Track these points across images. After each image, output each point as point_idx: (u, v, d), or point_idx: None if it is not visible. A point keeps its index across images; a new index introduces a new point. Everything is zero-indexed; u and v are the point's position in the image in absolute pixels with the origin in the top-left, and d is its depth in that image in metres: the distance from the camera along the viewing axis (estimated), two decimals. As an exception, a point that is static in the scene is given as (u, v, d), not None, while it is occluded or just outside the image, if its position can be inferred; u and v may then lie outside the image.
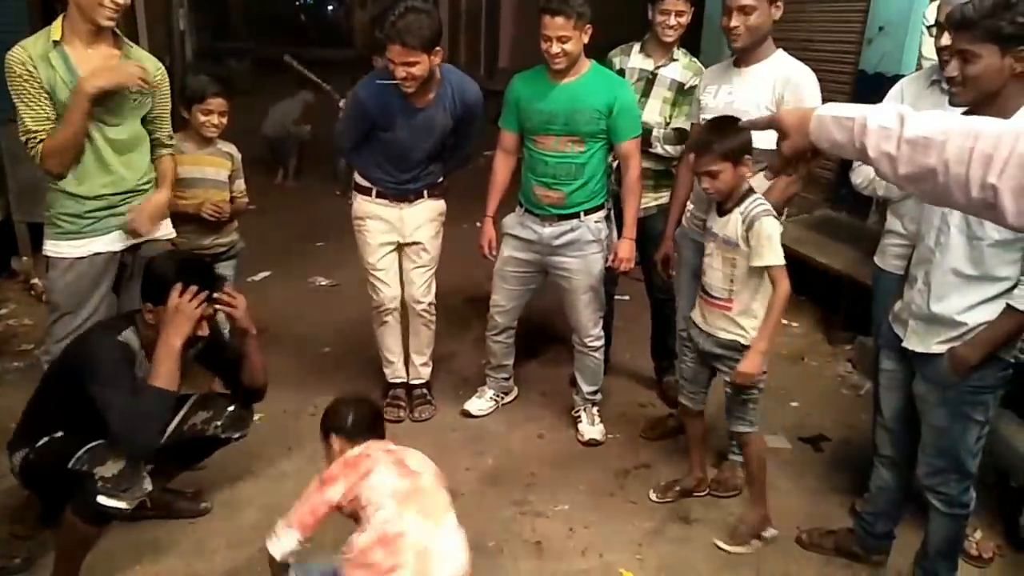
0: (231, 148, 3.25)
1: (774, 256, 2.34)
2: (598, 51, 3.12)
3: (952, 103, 2.02)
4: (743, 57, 2.69)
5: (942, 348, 2.06)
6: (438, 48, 2.79)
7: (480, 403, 3.41)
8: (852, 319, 4.13)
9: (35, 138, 2.41)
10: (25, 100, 2.37)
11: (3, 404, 3.09)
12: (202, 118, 3.04)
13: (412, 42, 2.69)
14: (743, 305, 2.44)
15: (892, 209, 2.63)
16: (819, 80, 3.09)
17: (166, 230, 2.77)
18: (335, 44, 28.12)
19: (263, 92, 7.60)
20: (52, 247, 2.55)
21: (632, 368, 3.87)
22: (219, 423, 2.44)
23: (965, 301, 2.01)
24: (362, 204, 3.17)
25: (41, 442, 2.15)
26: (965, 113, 1.98)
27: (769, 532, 2.60)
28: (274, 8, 32.05)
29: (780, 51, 2.69)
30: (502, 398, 3.49)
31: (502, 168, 3.18)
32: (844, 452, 3.20)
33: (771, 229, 2.34)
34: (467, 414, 3.38)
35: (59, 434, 2.16)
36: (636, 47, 3.24)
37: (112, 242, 2.59)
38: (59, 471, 2.10)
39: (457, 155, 3.24)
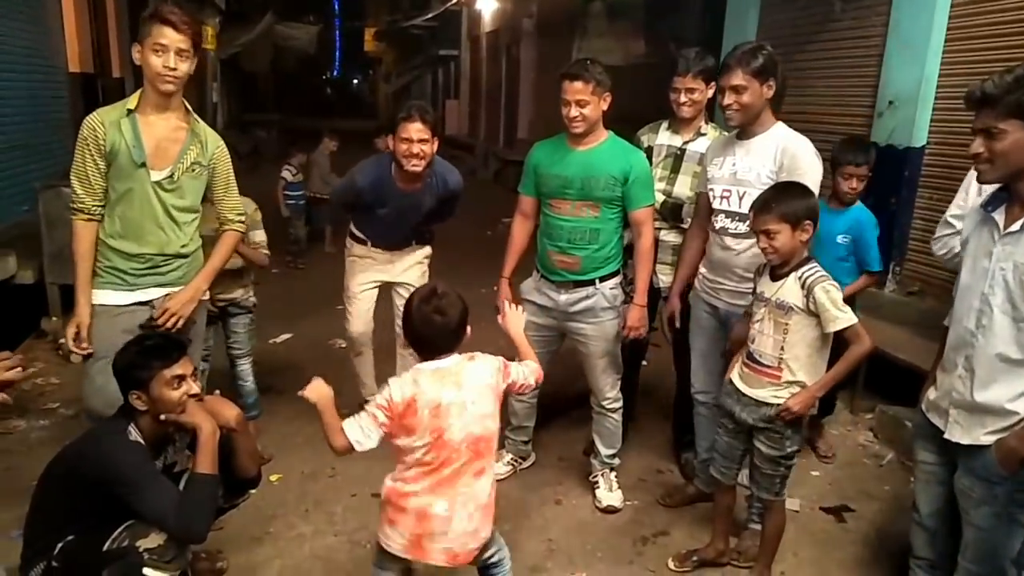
0: (245, 202, 3.37)
1: (846, 318, 2.31)
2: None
3: (980, 181, 1.96)
4: (744, 131, 2.78)
5: (990, 439, 1.90)
6: (436, 137, 3.23)
7: (497, 467, 3.40)
8: (873, 387, 4.10)
9: (76, 207, 2.58)
10: (79, 163, 2.56)
11: (29, 462, 3.15)
12: None
13: (429, 118, 3.17)
14: (792, 375, 2.40)
15: None
16: (831, 152, 3.21)
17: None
18: (359, 115, 29.15)
19: (289, 159, 7.82)
20: (95, 296, 2.66)
21: (650, 434, 3.85)
22: (218, 494, 2.44)
23: (1014, 388, 1.87)
24: (358, 248, 3.59)
25: (58, 548, 2.12)
26: (997, 192, 1.95)
27: None
28: (300, 81, 33.28)
29: (779, 123, 2.78)
30: (520, 463, 3.48)
31: (519, 231, 3.26)
32: (868, 523, 3.14)
33: (834, 293, 2.32)
34: None
35: (70, 538, 2.13)
36: (664, 124, 3.34)
37: (150, 294, 2.70)
38: (92, 562, 2.06)
39: (440, 220, 3.65)
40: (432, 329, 2.00)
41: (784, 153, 2.67)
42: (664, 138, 3.29)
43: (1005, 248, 1.90)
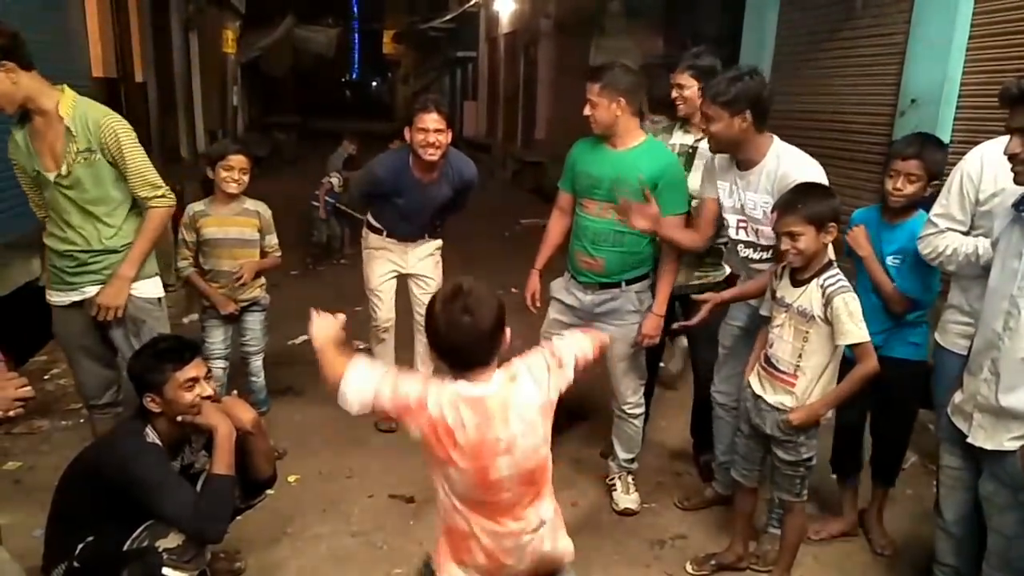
0: (259, 206, 3.45)
1: (860, 333, 2.27)
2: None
3: (1018, 182, 1.92)
4: (739, 160, 2.69)
5: (1015, 445, 1.87)
6: (451, 128, 3.41)
7: None
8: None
9: (41, 219, 2.81)
10: (20, 180, 2.76)
11: (52, 462, 3.19)
12: (223, 174, 3.28)
13: (444, 110, 3.35)
14: (806, 384, 2.37)
15: (957, 282, 2.51)
16: (853, 151, 3.13)
17: (146, 290, 2.81)
18: (378, 117, 29.28)
19: (308, 161, 7.86)
20: (47, 296, 2.79)
21: (669, 436, 3.83)
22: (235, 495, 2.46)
23: None
24: (374, 239, 3.75)
25: (78, 550, 2.14)
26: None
27: None
28: (320, 84, 33.48)
29: (775, 143, 2.65)
30: None
31: (555, 227, 3.25)
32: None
33: (854, 306, 2.28)
34: None
35: (90, 538, 2.15)
36: (676, 125, 3.32)
37: (85, 292, 2.74)
38: (113, 563, 2.09)
39: (454, 212, 3.83)
40: (461, 334, 1.65)
41: (780, 182, 2.57)
42: (677, 137, 3.28)
43: None
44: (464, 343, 1.67)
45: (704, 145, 3.17)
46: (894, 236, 2.68)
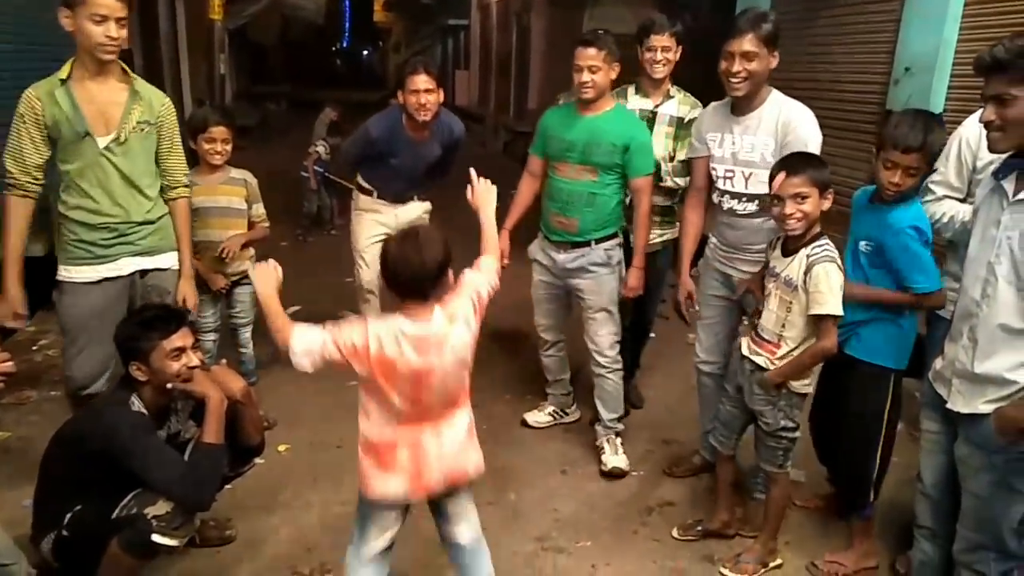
0: (245, 175, 3.41)
1: (833, 306, 2.25)
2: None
3: (992, 150, 1.92)
4: (740, 104, 2.68)
5: (989, 408, 1.88)
6: (440, 88, 3.45)
7: (538, 416, 3.63)
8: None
9: (10, 183, 2.56)
10: (14, 140, 2.53)
11: (40, 432, 3.18)
12: (206, 146, 3.24)
13: (433, 70, 3.41)
14: (786, 351, 2.38)
15: (953, 250, 2.50)
16: (846, 120, 3.12)
17: (171, 262, 2.85)
18: (369, 87, 28.96)
19: (299, 131, 7.77)
20: (64, 272, 2.67)
21: (655, 405, 3.86)
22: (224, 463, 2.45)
23: (1016, 358, 1.84)
24: (364, 200, 3.83)
25: (67, 519, 2.15)
26: (1009, 159, 1.91)
27: (775, 562, 2.61)
28: (310, 52, 33.04)
29: (774, 93, 2.68)
30: (561, 415, 3.64)
31: (526, 189, 3.38)
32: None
33: (834, 277, 2.25)
34: (524, 423, 3.62)
35: (78, 507, 2.16)
36: (631, 89, 3.35)
37: (120, 268, 2.70)
38: (102, 530, 2.10)
39: (442, 172, 3.85)
40: (409, 270, 1.85)
41: (785, 127, 2.60)
42: (635, 102, 3.30)
43: (1013, 216, 1.86)
44: (410, 277, 1.87)
45: (663, 109, 3.25)
46: (873, 218, 2.38)
